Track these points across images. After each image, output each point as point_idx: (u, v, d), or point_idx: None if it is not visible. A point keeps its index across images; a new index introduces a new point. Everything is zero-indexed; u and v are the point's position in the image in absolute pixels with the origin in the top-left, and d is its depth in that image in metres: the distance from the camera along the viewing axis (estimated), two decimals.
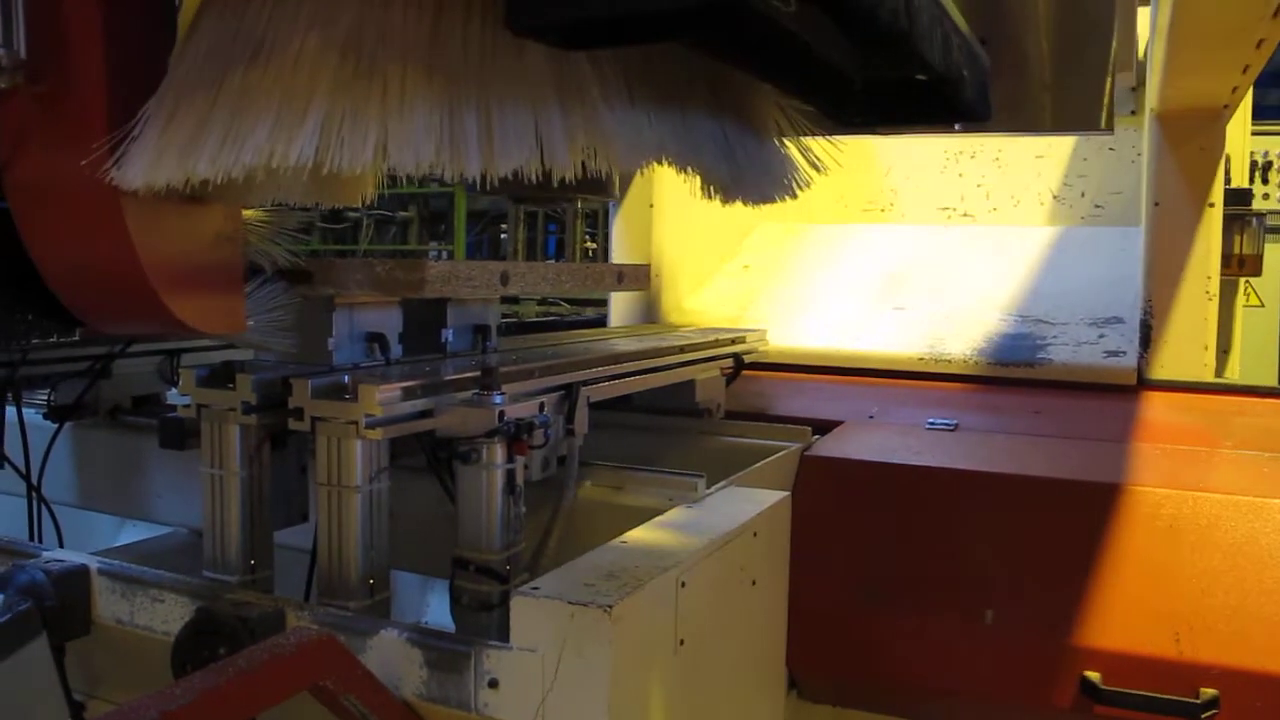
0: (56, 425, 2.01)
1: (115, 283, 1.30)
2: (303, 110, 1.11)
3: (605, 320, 3.16)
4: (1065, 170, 3.22)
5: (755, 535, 1.62)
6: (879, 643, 1.83)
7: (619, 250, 3.02)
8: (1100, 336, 2.49)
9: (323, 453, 1.42)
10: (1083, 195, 3.19)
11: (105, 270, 1.29)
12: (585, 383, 1.74)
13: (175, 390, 1.97)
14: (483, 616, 1.43)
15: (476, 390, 1.47)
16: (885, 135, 3.05)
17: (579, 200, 2.08)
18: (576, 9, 0.98)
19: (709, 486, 1.70)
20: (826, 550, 1.85)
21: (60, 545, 1.90)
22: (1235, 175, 3.52)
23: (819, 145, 1.68)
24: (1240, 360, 3.84)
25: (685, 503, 1.65)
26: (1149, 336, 2.42)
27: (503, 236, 16.46)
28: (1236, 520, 1.69)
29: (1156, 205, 2.44)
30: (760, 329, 2.67)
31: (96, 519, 2.28)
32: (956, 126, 1.79)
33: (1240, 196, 3.44)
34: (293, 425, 1.42)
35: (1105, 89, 1.70)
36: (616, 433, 2.20)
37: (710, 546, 1.45)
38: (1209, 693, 1.62)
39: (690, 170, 1.40)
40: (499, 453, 1.43)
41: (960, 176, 3.33)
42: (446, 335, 1.75)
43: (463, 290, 1.69)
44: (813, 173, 1.68)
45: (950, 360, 2.51)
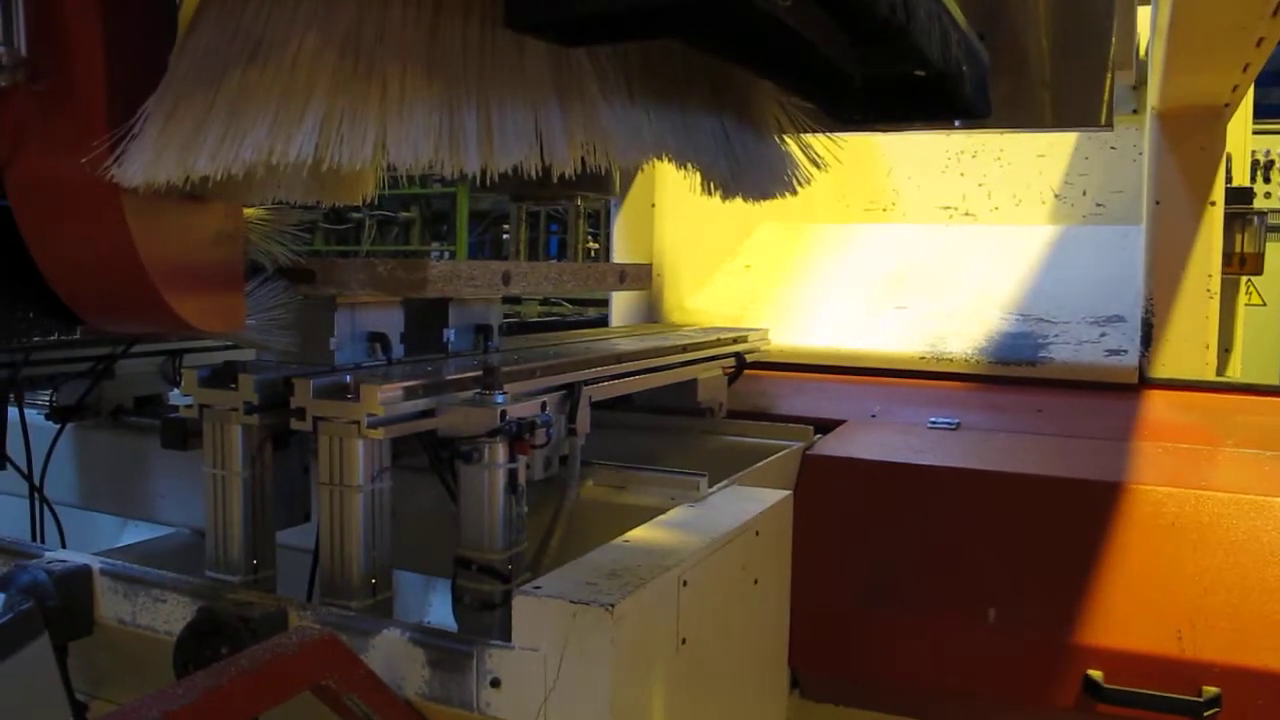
0: (59, 426, 2.01)
1: (116, 280, 1.30)
2: (302, 107, 1.11)
3: (607, 320, 3.16)
4: (1067, 169, 3.21)
5: (757, 534, 1.62)
6: (881, 642, 1.83)
7: (621, 250, 3.02)
8: (1102, 335, 2.48)
9: (325, 452, 1.42)
10: (1084, 194, 3.19)
11: (106, 268, 1.29)
12: (587, 382, 1.74)
13: (177, 391, 1.98)
14: (485, 616, 1.43)
15: (478, 390, 1.47)
16: (885, 132, 3.05)
17: (579, 198, 2.08)
18: (574, 6, 0.98)
19: (711, 486, 1.70)
20: (828, 549, 1.85)
21: (62, 546, 1.90)
22: (1236, 174, 3.52)
23: (820, 142, 1.68)
24: (1241, 359, 3.84)
25: (687, 502, 1.65)
26: (1150, 335, 2.42)
27: (505, 237, 16.46)
28: (1238, 518, 1.69)
29: (1158, 204, 2.43)
30: (762, 328, 2.67)
31: (99, 520, 2.29)
32: (956, 123, 1.79)
33: (1241, 195, 3.44)
34: (295, 425, 1.42)
35: (1105, 85, 1.70)
36: (618, 432, 2.20)
37: (712, 546, 1.45)
38: (1211, 690, 1.62)
39: (690, 166, 1.40)
40: (501, 452, 1.43)
41: (962, 175, 3.32)
42: (448, 335, 1.75)
43: (464, 290, 1.69)
44: (814, 171, 1.68)
45: (952, 359, 2.51)
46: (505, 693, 1.22)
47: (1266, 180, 6.36)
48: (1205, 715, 1.62)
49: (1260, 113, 4.12)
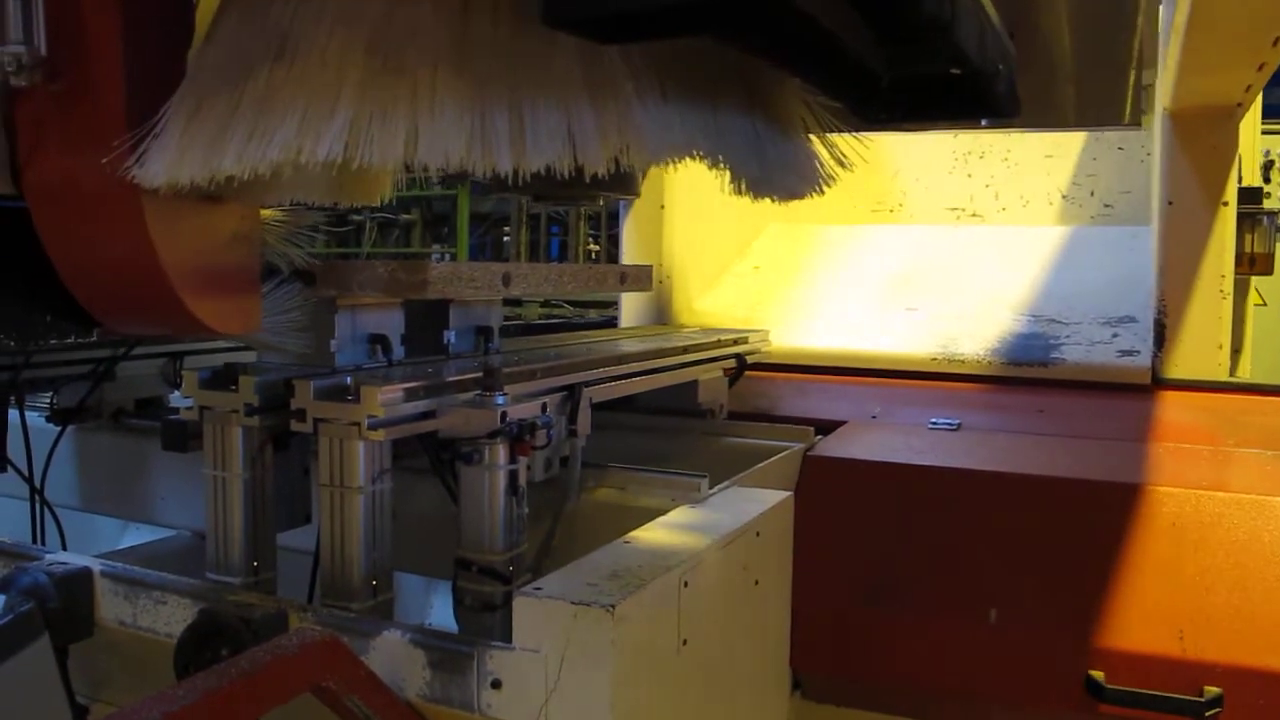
0: (59, 428, 2.01)
1: (135, 282, 1.28)
2: (331, 106, 1.09)
3: (616, 322, 3.15)
4: (1074, 170, 3.20)
5: (758, 535, 1.62)
6: (882, 642, 1.83)
7: (629, 251, 3.00)
8: (1113, 336, 2.47)
9: (325, 454, 1.42)
10: (1092, 194, 3.17)
11: (124, 269, 1.28)
12: (588, 383, 1.74)
13: (178, 393, 1.98)
14: (486, 617, 1.43)
15: (479, 391, 1.47)
16: (910, 131, 3.02)
17: (603, 198, 2.07)
18: (613, 3, 0.96)
19: (712, 487, 1.70)
20: (830, 550, 1.85)
21: (63, 548, 1.90)
22: (1246, 174, 3.50)
23: (844, 142, 1.66)
24: (1251, 360, 3.82)
25: (688, 503, 1.65)
26: (1163, 336, 2.40)
27: (505, 239, 16.48)
28: (1239, 518, 1.69)
29: (1170, 204, 2.42)
30: (762, 330, 2.67)
31: (99, 522, 2.29)
32: (983, 122, 1.76)
33: (1252, 195, 3.42)
34: (295, 427, 1.42)
35: (1131, 83, 1.68)
36: (619, 433, 2.20)
37: (713, 546, 1.45)
38: (1213, 690, 1.62)
39: (721, 166, 1.36)
40: (501, 453, 1.43)
41: (969, 177, 3.30)
42: (449, 336, 1.75)
43: (465, 291, 1.69)
44: (837, 169, 1.65)
45: (964, 360, 2.49)
46: (506, 694, 1.22)
47: (1266, 180, 6.34)
48: (1207, 715, 1.62)
49: (1267, 113, 4.10)
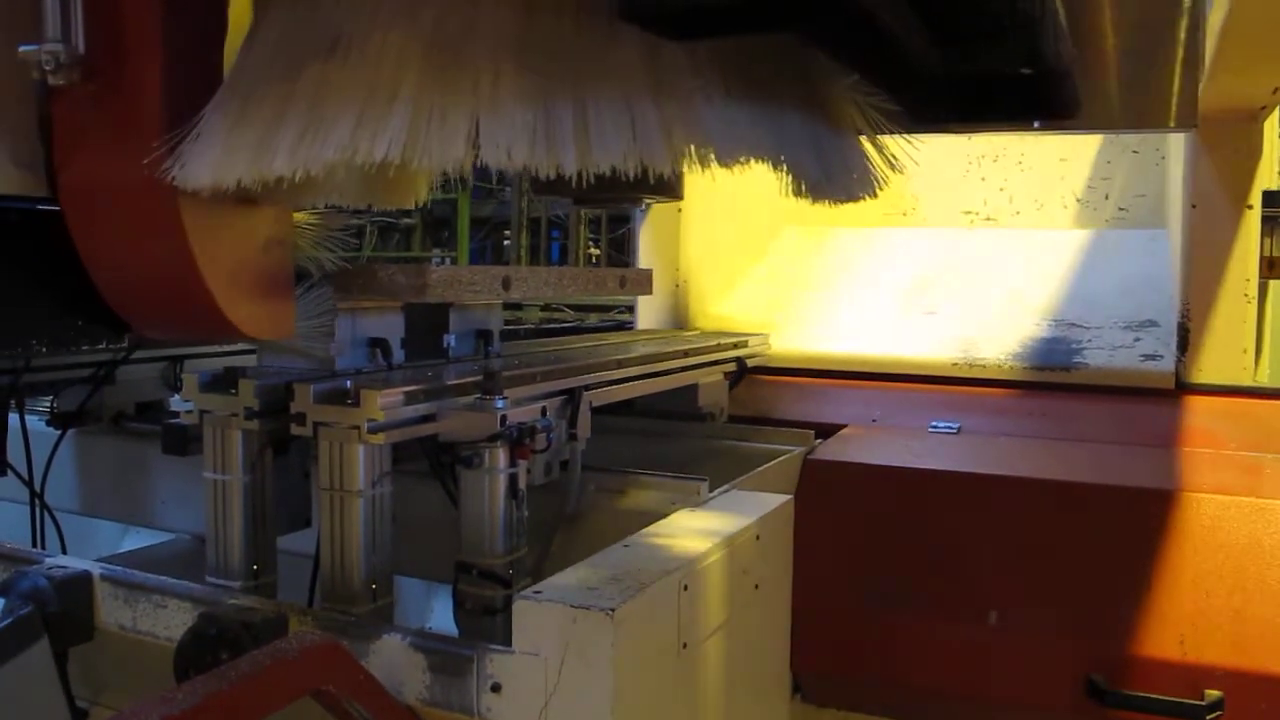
0: (60, 432, 2.01)
1: (171, 287, 1.26)
2: (388, 105, 1.07)
3: (629, 326, 3.12)
4: (1090, 173, 3.18)
5: (758, 538, 1.62)
6: (883, 646, 1.83)
7: (645, 255, 2.98)
8: (1135, 340, 2.44)
9: (325, 458, 1.42)
10: (1106, 198, 3.14)
11: (161, 274, 1.25)
12: (587, 387, 1.74)
13: (178, 396, 1.97)
14: (486, 621, 1.43)
15: (479, 395, 1.47)
16: (961, 133, 2.98)
17: (646, 200, 2.05)
18: None
19: (712, 490, 1.70)
20: (830, 553, 1.85)
21: (63, 552, 1.90)
22: (1266, 177, 3.47)
23: (894, 144, 1.62)
24: (1268, 364, 3.79)
25: (688, 506, 1.65)
26: (1187, 340, 2.38)
27: (506, 243, 16.50)
28: (1240, 521, 1.69)
29: (1194, 207, 2.39)
30: (762, 334, 2.67)
31: (100, 525, 2.29)
32: (1035, 124, 1.74)
33: (1274, 199, 3.39)
34: (295, 430, 1.42)
35: (1177, 85, 1.63)
36: (619, 437, 2.20)
37: (713, 550, 1.45)
38: (1214, 694, 1.62)
39: (783, 168, 1.33)
40: (501, 457, 1.43)
41: (983, 180, 3.27)
42: (449, 340, 1.75)
43: (465, 295, 1.69)
44: (886, 171, 1.61)
45: (985, 365, 2.48)
46: (506, 698, 1.22)
47: None
48: (1207, 718, 1.62)
49: None
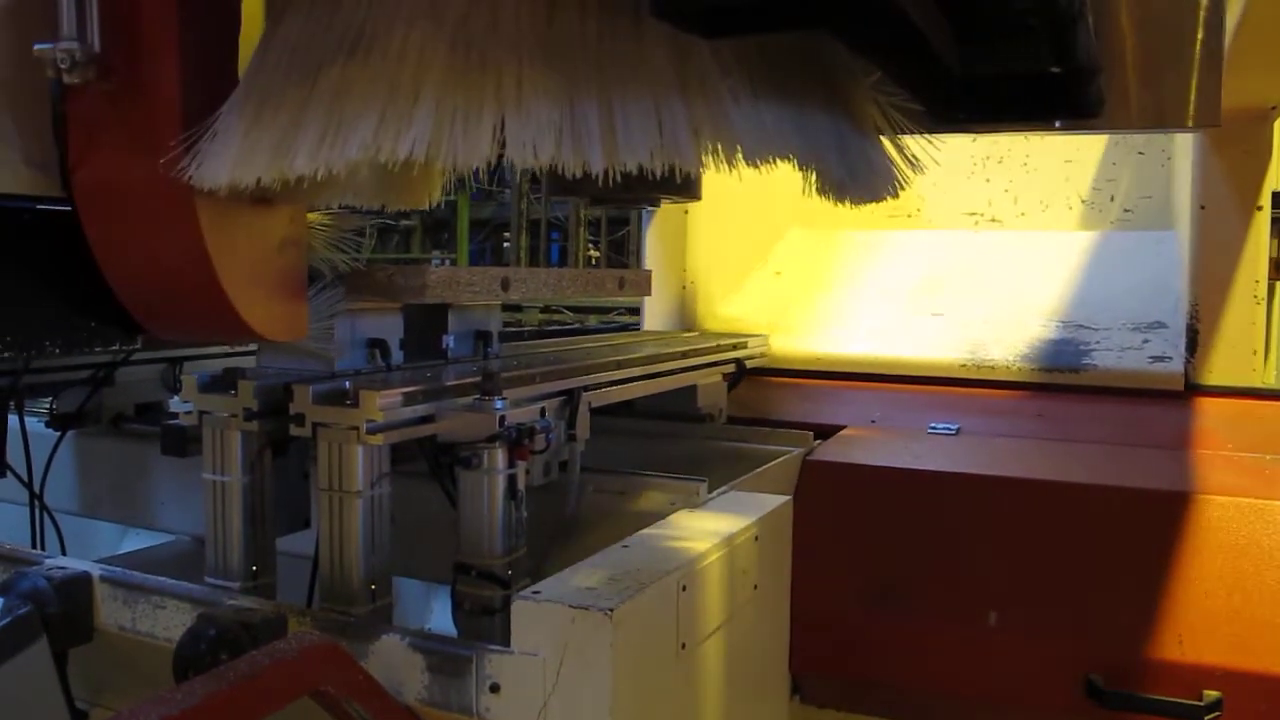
0: (59, 433, 2.01)
1: (186, 288, 1.26)
2: (411, 103, 1.06)
3: (634, 328, 3.12)
4: (1094, 175, 3.17)
5: (757, 539, 1.62)
6: (882, 646, 1.83)
7: (652, 257, 2.97)
8: (1144, 342, 2.43)
9: (324, 458, 1.42)
10: (1112, 200, 3.13)
11: (177, 274, 1.25)
12: (586, 388, 1.74)
13: (177, 398, 1.97)
14: (485, 622, 1.43)
15: (478, 396, 1.47)
16: (981, 133, 2.97)
17: (664, 200, 2.06)
18: None
19: (711, 491, 1.70)
20: (829, 554, 1.85)
21: (63, 553, 1.90)
22: (1277, 177, 3.46)
23: (915, 143, 1.63)
24: (1276, 365, 3.78)
25: (687, 507, 1.65)
26: (1195, 341, 2.37)
27: (505, 244, 16.50)
28: (1239, 521, 1.69)
29: (1203, 208, 2.38)
30: (761, 335, 2.67)
31: (99, 527, 2.29)
32: (1057, 125, 1.73)
33: None
34: (294, 431, 1.42)
35: (1194, 84, 1.62)
36: (619, 438, 2.20)
37: (712, 550, 1.45)
38: (1212, 694, 1.62)
39: (810, 168, 1.33)
40: (500, 458, 1.43)
41: (988, 182, 3.26)
42: (448, 341, 1.75)
43: (464, 296, 1.69)
44: (907, 171, 1.62)
45: (993, 367, 2.47)
46: (505, 698, 1.22)
47: None
48: (1206, 719, 1.62)
49: None
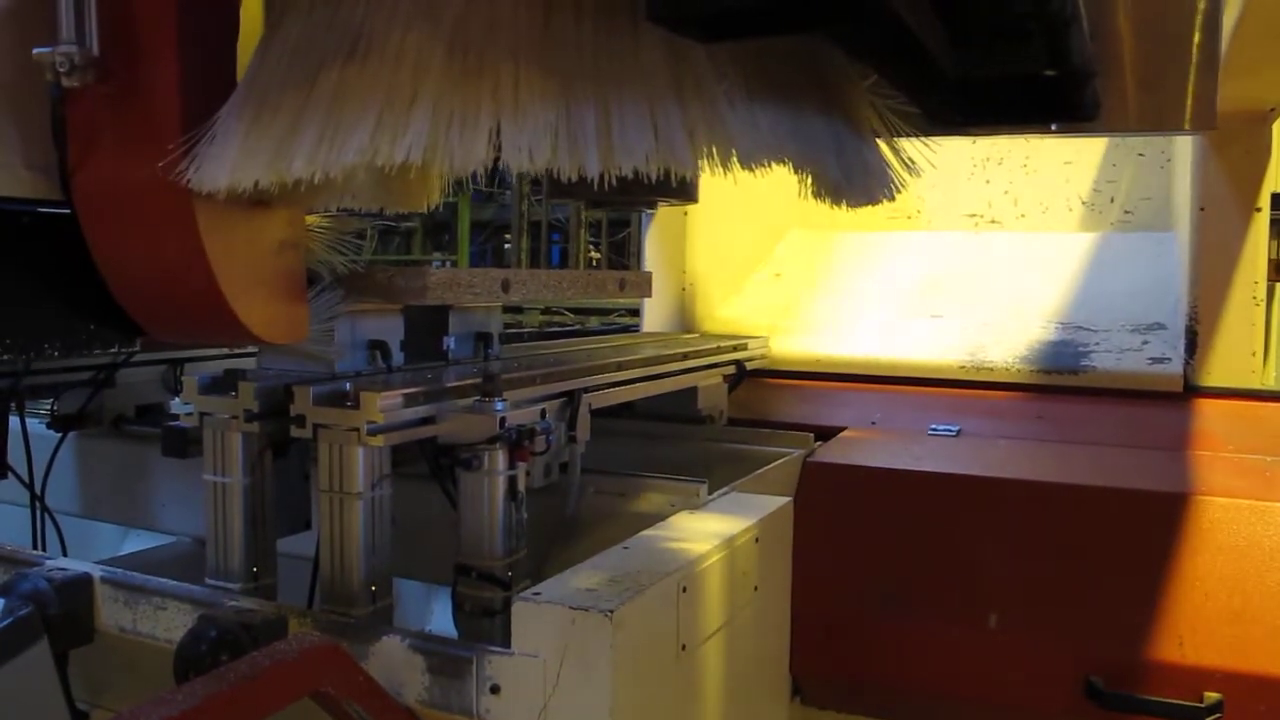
0: (60, 435, 2.01)
1: (185, 290, 1.27)
2: (408, 107, 1.07)
3: (634, 329, 3.11)
4: (1094, 176, 3.17)
5: (757, 541, 1.62)
6: (882, 648, 1.83)
7: (651, 259, 2.97)
8: (1144, 343, 2.43)
9: (325, 460, 1.42)
10: (1112, 201, 3.13)
11: (176, 277, 1.26)
12: (587, 389, 1.75)
13: (178, 399, 1.98)
14: (485, 623, 1.43)
15: (478, 397, 1.47)
16: (979, 136, 2.97)
17: (662, 203, 2.06)
18: (718, 1, 0.95)
19: (711, 492, 1.70)
20: (829, 556, 1.85)
21: (64, 554, 1.90)
22: (1275, 179, 3.46)
23: (911, 146, 1.64)
24: (1275, 366, 3.77)
25: (688, 508, 1.65)
26: (1194, 342, 2.37)
27: (506, 246, 16.51)
28: (1239, 523, 1.69)
29: (1202, 210, 2.38)
30: (761, 336, 2.67)
31: (100, 528, 2.29)
32: (1053, 127, 1.74)
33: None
34: (295, 432, 1.42)
35: (1191, 87, 1.62)
36: (619, 440, 2.20)
37: (712, 552, 1.45)
38: (1213, 696, 1.62)
39: (805, 171, 1.34)
40: (500, 459, 1.43)
41: (987, 183, 3.26)
42: (448, 343, 1.75)
43: (464, 297, 1.69)
44: (903, 174, 1.63)
45: (993, 368, 2.48)
46: (505, 699, 1.22)
47: None
48: None
49: None
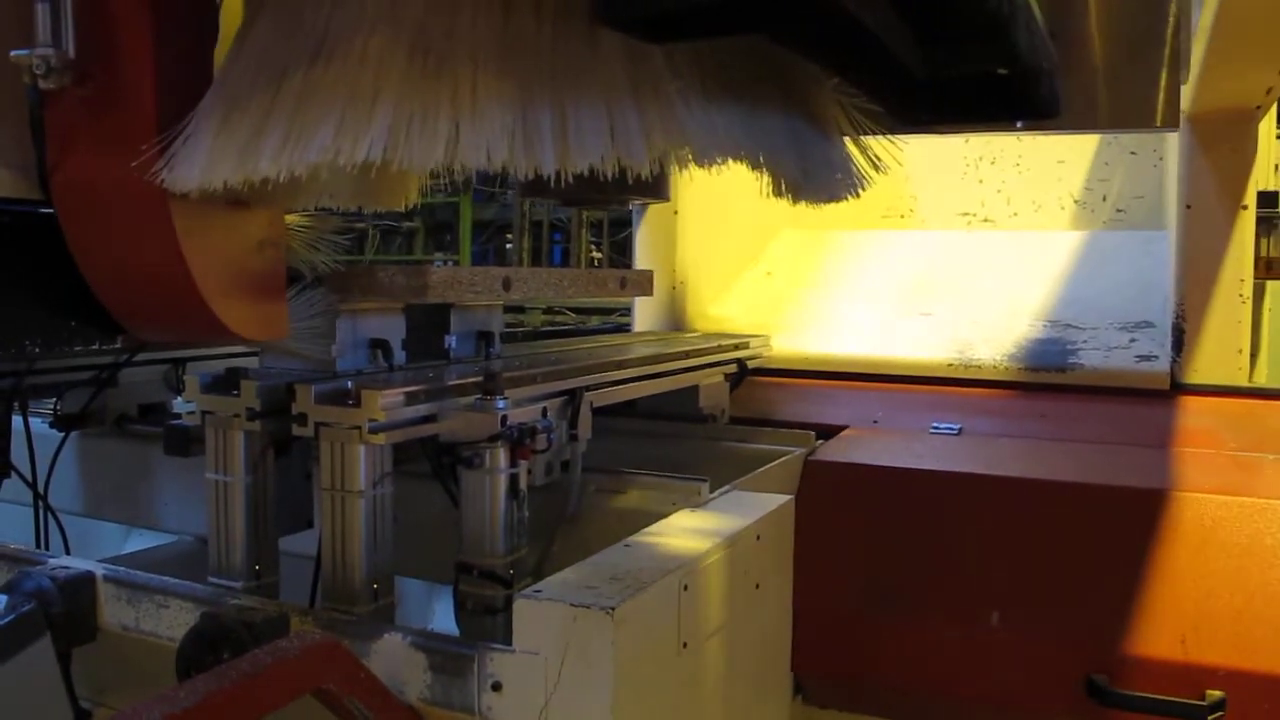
0: (63, 434, 2.02)
1: (162, 287, 1.28)
2: (369, 108, 1.09)
3: (626, 329, 3.12)
4: (1087, 175, 3.18)
5: (759, 539, 1.62)
6: (884, 646, 1.83)
7: (642, 257, 2.98)
8: (1131, 341, 2.44)
9: (326, 458, 1.42)
10: (1104, 200, 3.14)
11: (152, 275, 1.28)
12: (588, 388, 1.75)
13: (181, 398, 1.98)
14: (487, 621, 1.44)
15: (479, 395, 1.47)
16: (948, 134, 2.98)
17: (634, 202, 2.08)
18: (665, 1, 0.96)
19: (713, 491, 1.70)
20: (831, 554, 1.85)
21: (66, 553, 1.90)
22: (1261, 178, 3.47)
23: (877, 144, 1.65)
24: (1266, 365, 3.77)
25: (689, 507, 1.65)
26: (1182, 341, 2.38)
27: (508, 246, 16.51)
28: (1241, 521, 1.69)
29: (1188, 208, 2.39)
30: (763, 335, 2.67)
31: (103, 527, 2.29)
32: (1018, 125, 1.74)
33: (1268, 199, 3.39)
34: (297, 431, 1.43)
35: (1163, 85, 1.63)
36: (621, 438, 2.20)
37: (713, 550, 1.45)
38: (1215, 694, 1.62)
39: (764, 168, 1.35)
40: (502, 457, 1.44)
41: (980, 182, 3.27)
42: (450, 341, 1.76)
43: (465, 296, 1.70)
44: (871, 172, 1.64)
45: (980, 366, 2.48)
46: (506, 696, 1.22)
47: None
48: (1209, 719, 1.61)
49: None
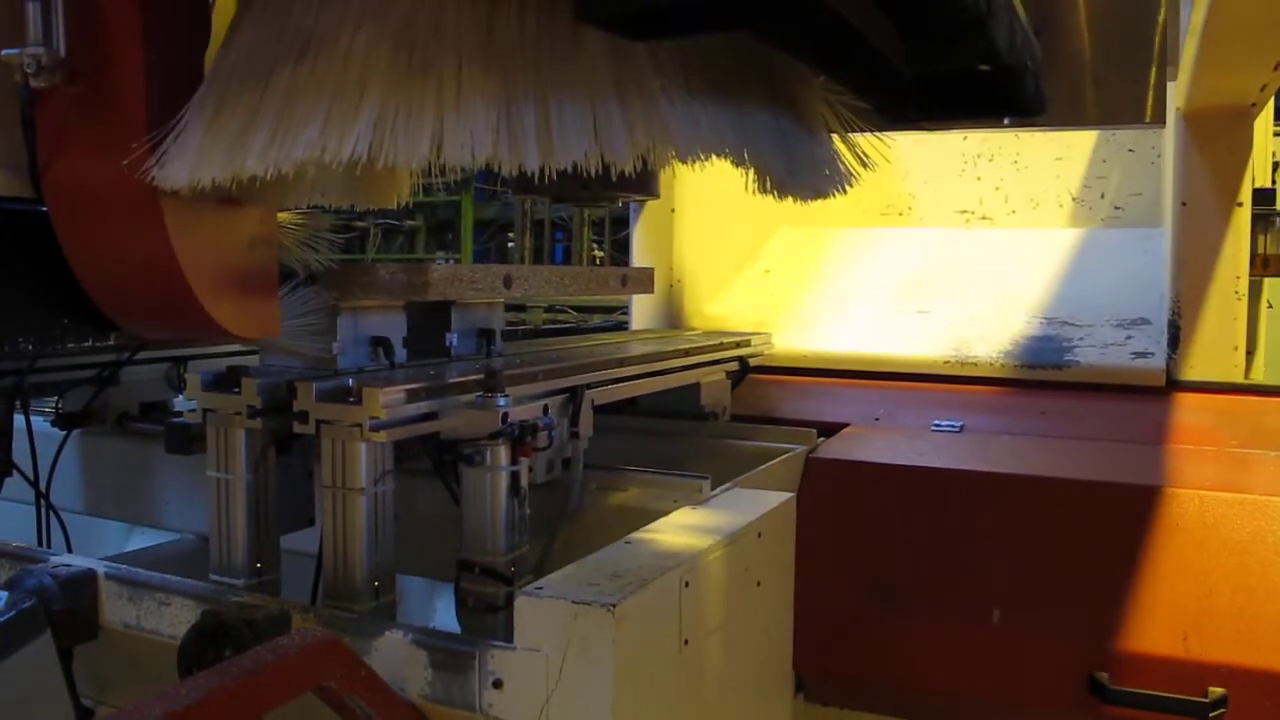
0: (65, 432, 2.02)
1: (154, 285, 1.29)
2: (355, 105, 1.10)
3: (624, 327, 3.12)
4: (1085, 172, 3.18)
5: (760, 536, 1.62)
6: (886, 644, 1.83)
7: (639, 255, 2.98)
8: (1127, 338, 2.45)
9: (327, 456, 1.42)
10: (1102, 197, 3.14)
11: (144, 273, 1.28)
12: (589, 385, 1.75)
13: (182, 396, 1.98)
14: (488, 618, 1.44)
15: (480, 393, 1.47)
16: (934, 130, 2.99)
17: (622, 198, 2.09)
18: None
19: (714, 488, 1.70)
20: (832, 551, 1.85)
21: (68, 551, 1.91)
22: (1256, 175, 3.48)
23: (864, 141, 1.66)
24: (1263, 362, 3.78)
25: (690, 504, 1.65)
26: (1177, 337, 2.39)
27: (510, 245, 16.52)
28: (1243, 518, 1.69)
29: (1184, 205, 2.40)
30: (764, 332, 2.67)
31: (105, 526, 2.29)
32: (1006, 121, 1.75)
33: (1264, 196, 3.39)
34: (298, 429, 1.42)
35: (1152, 81, 1.63)
36: (622, 436, 2.20)
37: (714, 547, 1.45)
38: (1217, 691, 1.62)
39: (747, 164, 1.37)
40: (503, 454, 1.44)
41: (978, 180, 3.27)
42: (451, 339, 1.76)
43: (466, 293, 1.70)
44: (858, 169, 1.65)
45: (976, 363, 2.48)
46: (507, 693, 1.22)
47: (1272, 182, 6.30)
48: (1211, 716, 1.61)
49: (1277, 114, 4.05)
